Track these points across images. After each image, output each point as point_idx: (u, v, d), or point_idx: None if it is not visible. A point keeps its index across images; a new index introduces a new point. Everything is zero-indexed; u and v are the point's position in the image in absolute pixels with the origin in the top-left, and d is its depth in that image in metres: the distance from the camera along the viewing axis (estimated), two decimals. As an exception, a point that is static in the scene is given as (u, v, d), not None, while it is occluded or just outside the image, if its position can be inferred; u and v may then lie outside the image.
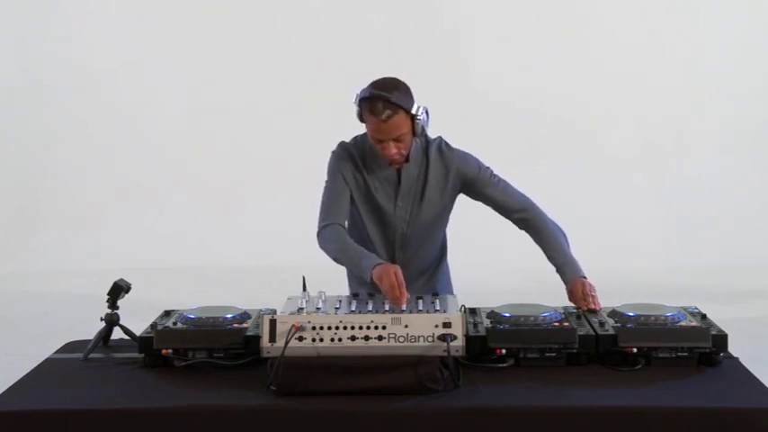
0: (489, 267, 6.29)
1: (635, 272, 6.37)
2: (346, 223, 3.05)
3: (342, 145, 3.08)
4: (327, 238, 2.96)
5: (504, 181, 3.07)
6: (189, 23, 7.42)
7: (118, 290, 2.77)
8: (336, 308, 2.54)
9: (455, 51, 7.28)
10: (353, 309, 2.54)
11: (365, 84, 2.88)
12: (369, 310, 2.49)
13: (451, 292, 3.12)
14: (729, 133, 7.28)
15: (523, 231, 3.07)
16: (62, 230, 7.26)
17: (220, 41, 7.42)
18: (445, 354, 2.33)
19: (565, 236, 3.04)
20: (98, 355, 2.71)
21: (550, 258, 3.00)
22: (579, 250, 3.01)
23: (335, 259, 2.99)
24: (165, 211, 7.34)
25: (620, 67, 7.29)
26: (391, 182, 3.03)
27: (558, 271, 2.97)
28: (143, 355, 2.57)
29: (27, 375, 2.57)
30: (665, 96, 7.32)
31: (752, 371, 2.47)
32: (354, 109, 2.89)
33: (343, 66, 6.92)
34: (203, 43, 7.42)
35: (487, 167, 3.07)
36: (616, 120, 7.37)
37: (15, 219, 7.45)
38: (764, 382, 2.37)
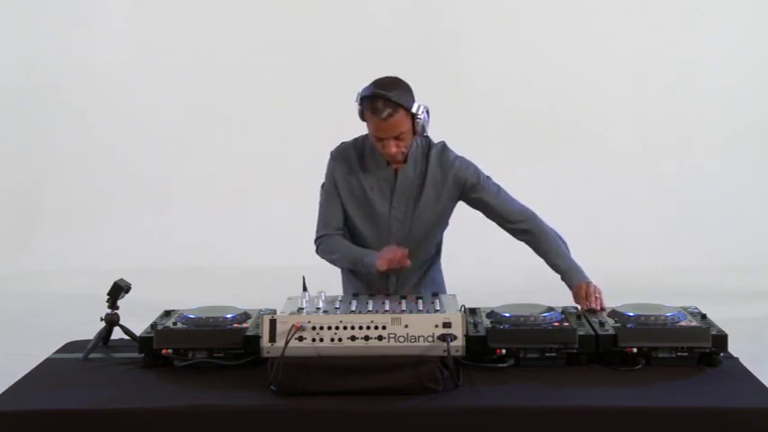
0: (489, 267, 6.28)
1: (635, 272, 6.34)
2: (342, 227, 3.09)
3: (340, 146, 3.10)
4: (326, 250, 3.06)
5: (505, 191, 3.05)
6: (191, 23, 7.42)
7: (118, 290, 2.77)
8: (336, 308, 2.55)
9: (455, 51, 7.27)
10: (353, 309, 2.54)
11: (367, 84, 2.88)
12: (369, 310, 2.49)
13: (444, 291, 3.11)
14: (730, 133, 7.27)
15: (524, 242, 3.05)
16: (62, 230, 7.25)
17: (222, 41, 7.41)
18: (445, 354, 2.33)
19: (565, 244, 3.02)
20: (98, 355, 2.72)
21: (553, 266, 2.97)
22: (579, 250, 3.01)
23: (339, 267, 3.09)
24: (165, 211, 7.33)
25: (621, 68, 7.28)
26: (388, 181, 3.03)
27: (562, 278, 2.94)
28: (143, 355, 2.57)
29: (27, 375, 2.57)
30: (666, 96, 7.32)
31: (752, 371, 2.47)
32: (356, 108, 2.90)
33: (345, 66, 6.91)
34: (205, 43, 7.41)
35: (488, 177, 3.05)
36: (616, 120, 7.36)
37: (15, 219, 7.45)
38: (764, 382, 2.37)
